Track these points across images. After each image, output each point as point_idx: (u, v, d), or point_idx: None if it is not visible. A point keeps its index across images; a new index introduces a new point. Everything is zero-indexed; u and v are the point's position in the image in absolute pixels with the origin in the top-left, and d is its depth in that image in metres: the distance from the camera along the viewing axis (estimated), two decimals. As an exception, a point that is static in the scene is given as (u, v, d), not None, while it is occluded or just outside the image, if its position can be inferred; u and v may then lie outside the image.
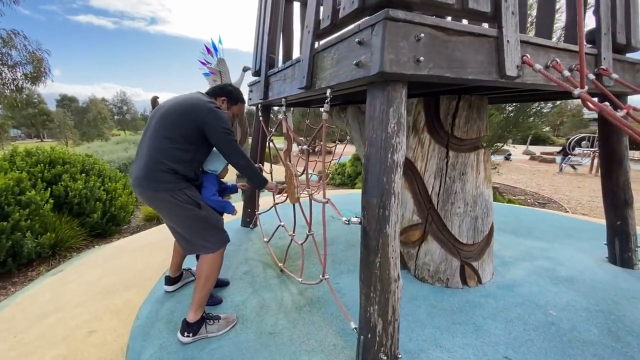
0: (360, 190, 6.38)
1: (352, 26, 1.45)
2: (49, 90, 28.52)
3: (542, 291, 2.20)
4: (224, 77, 13.41)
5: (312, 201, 2.02)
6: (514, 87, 1.77)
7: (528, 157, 21.75)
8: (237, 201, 3.72)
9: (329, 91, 1.65)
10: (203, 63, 13.00)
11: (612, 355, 1.63)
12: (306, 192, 2.12)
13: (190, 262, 2.69)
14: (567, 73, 1.66)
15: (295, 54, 2.95)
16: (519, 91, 2.35)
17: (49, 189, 4.59)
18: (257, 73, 3.13)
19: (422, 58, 1.28)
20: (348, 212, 4.09)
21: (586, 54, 1.93)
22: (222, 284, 2.38)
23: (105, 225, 5.31)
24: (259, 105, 3.03)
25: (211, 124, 1.81)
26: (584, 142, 21.90)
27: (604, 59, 2.01)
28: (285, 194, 2.45)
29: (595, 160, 14.08)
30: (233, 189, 2.41)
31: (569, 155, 16.06)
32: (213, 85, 13.29)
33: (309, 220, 2.14)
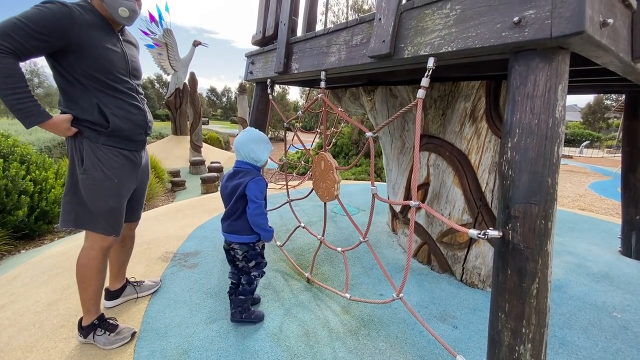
0: (346, 182, 5.95)
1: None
2: None
3: (591, 291, 2.13)
4: (171, 50, 11.85)
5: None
6: (619, 76, 1.56)
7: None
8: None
9: (431, 61, 1.25)
10: (145, 33, 11.31)
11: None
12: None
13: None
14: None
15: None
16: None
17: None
18: (263, 41, 2.55)
19: (610, 20, 0.97)
20: (346, 206, 3.75)
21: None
22: (253, 301, 1.89)
23: (33, 224, 4.23)
24: (269, 81, 2.47)
25: None
26: None
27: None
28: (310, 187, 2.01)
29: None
30: None
31: None
32: (158, 59, 11.67)
33: (366, 225, 1.74)
